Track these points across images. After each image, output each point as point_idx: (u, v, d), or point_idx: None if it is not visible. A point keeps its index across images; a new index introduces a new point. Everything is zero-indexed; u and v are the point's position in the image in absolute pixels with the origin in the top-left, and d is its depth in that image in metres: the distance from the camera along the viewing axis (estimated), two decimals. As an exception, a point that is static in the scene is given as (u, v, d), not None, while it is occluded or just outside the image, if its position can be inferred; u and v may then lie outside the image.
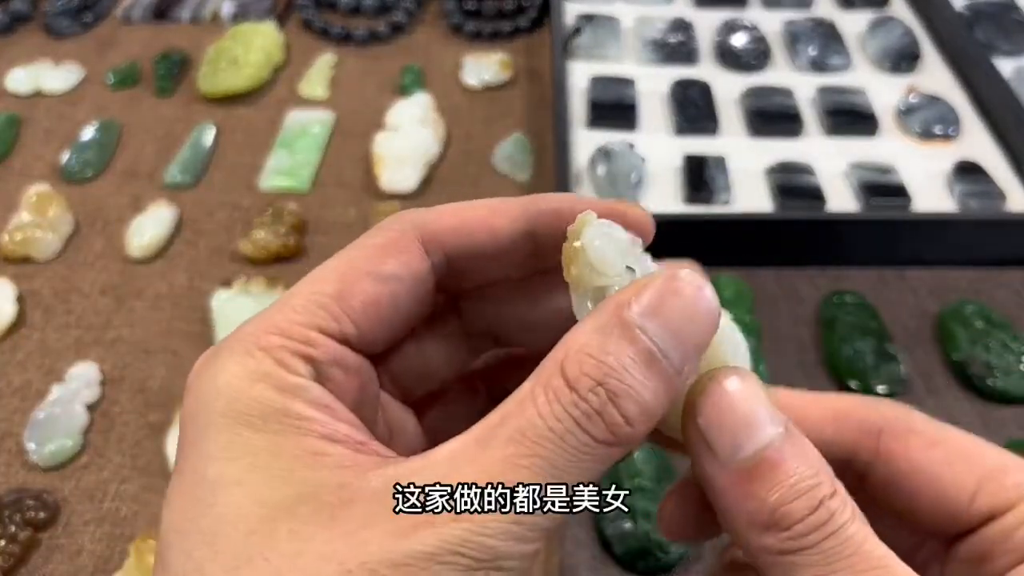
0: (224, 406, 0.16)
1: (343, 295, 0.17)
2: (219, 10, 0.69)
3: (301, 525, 0.14)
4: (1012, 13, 0.63)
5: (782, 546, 0.15)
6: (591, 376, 0.15)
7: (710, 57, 0.61)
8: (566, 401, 0.15)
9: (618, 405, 0.14)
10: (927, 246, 0.48)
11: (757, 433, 0.15)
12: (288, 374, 0.16)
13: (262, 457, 0.15)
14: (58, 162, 0.56)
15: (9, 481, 0.40)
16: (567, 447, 0.14)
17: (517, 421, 0.15)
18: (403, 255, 0.18)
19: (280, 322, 0.17)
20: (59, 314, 0.47)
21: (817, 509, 0.15)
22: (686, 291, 0.15)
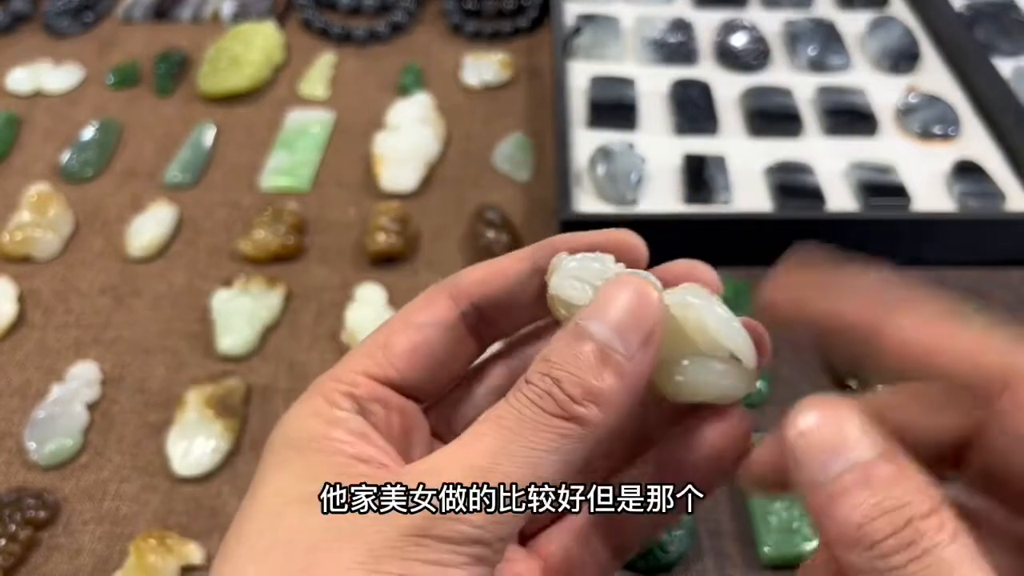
0: (283, 439, 0.19)
1: (386, 344, 0.21)
2: (219, 10, 0.69)
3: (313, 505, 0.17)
4: (1012, 13, 0.63)
5: (868, 565, 0.15)
6: (540, 371, 0.18)
7: (710, 57, 0.61)
8: (524, 390, 0.18)
9: (562, 387, 0.17)
10: (926, 246, 0.48)
11: (845, 455, 0.16)
12: (333, 409, 0.19)
13: (299, 467, 0.18)
14: (58, 162, 0.56)
15: (9, 480, 0.40)
16: (525, 418, 0.17)
17: (494, 410, 0.18)
18: (433, 307, 0.21)
19: (338, 371, 0.20)
20: (59, 313, 0.47)
21: (903, 528, 0.15)
22: (621, 291, 0.18)
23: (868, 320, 0.18)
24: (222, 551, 0.17)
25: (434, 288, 0.22)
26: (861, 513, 0.15)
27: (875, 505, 0.15)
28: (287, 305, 0.47)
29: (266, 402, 0.43)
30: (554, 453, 0.17)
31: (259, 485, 0.18)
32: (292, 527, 0.17)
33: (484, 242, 0.50)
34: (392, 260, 0.49)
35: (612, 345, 0.18)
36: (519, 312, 0.22)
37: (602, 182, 0.50)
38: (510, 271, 0.21)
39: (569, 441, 0.17)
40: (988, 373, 0.17)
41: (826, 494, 0.16)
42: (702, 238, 0.47)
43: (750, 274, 0.48)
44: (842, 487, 0.15)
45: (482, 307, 0.22)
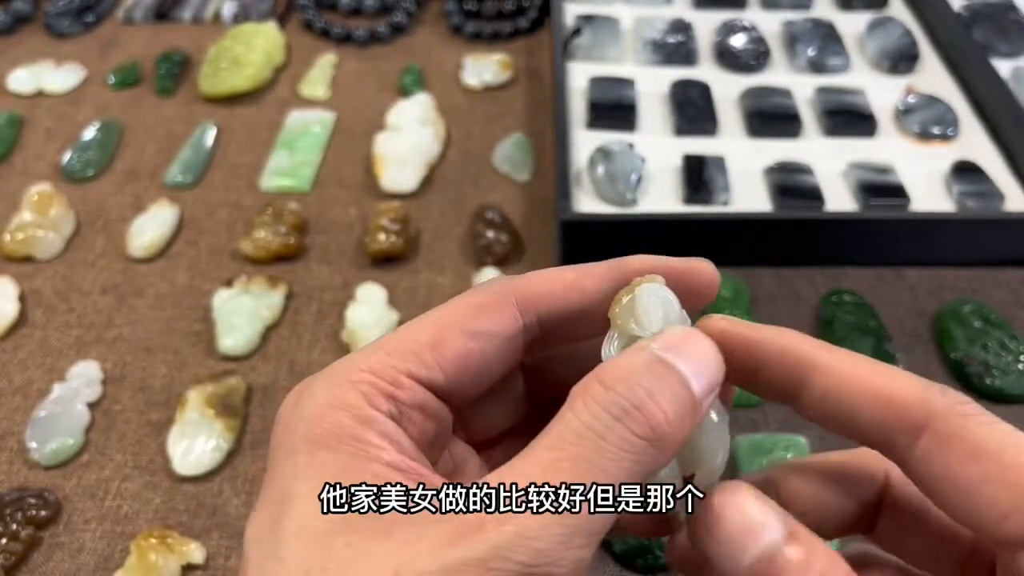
0: (307, 430, 0.17)
1: (437, 345, 0.19)
2: (220, 11, 0.69)
3: (358, 538, 0.15)
4: (1010, 14, 0.63)
5: None
6: (627, 379, 0.16)
7: (709, 58, 0.61)
8: (604, 401, 0.16)
9: (656, 400, 0.16)
10: (925, 246, 0.48)
11: (752, 543, 0.16)
12: (368, 406, 0.17)
13: (333, 476, 0.16)
14: (59, 162, 0.56)
15: (11, 479, 0.40)
16: (606, 444, 0.15)
17: (556, 428, 0.16)
18: (497, 315, 0.19)
19: (374, 362, 0.18)
20: (60, 313, 0.47)
21: None
22: (700, 337, 0.17)
23: (804, 350, 0.19)
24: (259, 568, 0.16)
25: (499, 289, 0.20)
26: None
27: None
28: (288, 305, 0.48)
29: (267, 401, 0.43)
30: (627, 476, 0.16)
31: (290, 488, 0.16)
32: (347, 568, 0.15)
33: (484, 242, 0.50)
34: (392, 260, 0.50)
35: (691, 381, 0.17)
36: (579, 331, 0.21)
37: (602, 182, 0.50)
38: (588, 289, 0.20)
39: (645, 468, 0.16)
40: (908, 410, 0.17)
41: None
42: (701, 238, 0.47)
43: (749, 274, 0.48)
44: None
45: (548, 323, 0.20)
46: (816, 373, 0.18)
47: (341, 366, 0.18)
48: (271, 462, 0.18)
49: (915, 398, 0.17)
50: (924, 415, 0.17)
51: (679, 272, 0.20)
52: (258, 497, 0.17)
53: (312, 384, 0.18)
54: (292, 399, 0.18)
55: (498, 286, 0.20)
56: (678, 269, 0.20)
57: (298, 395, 0.18)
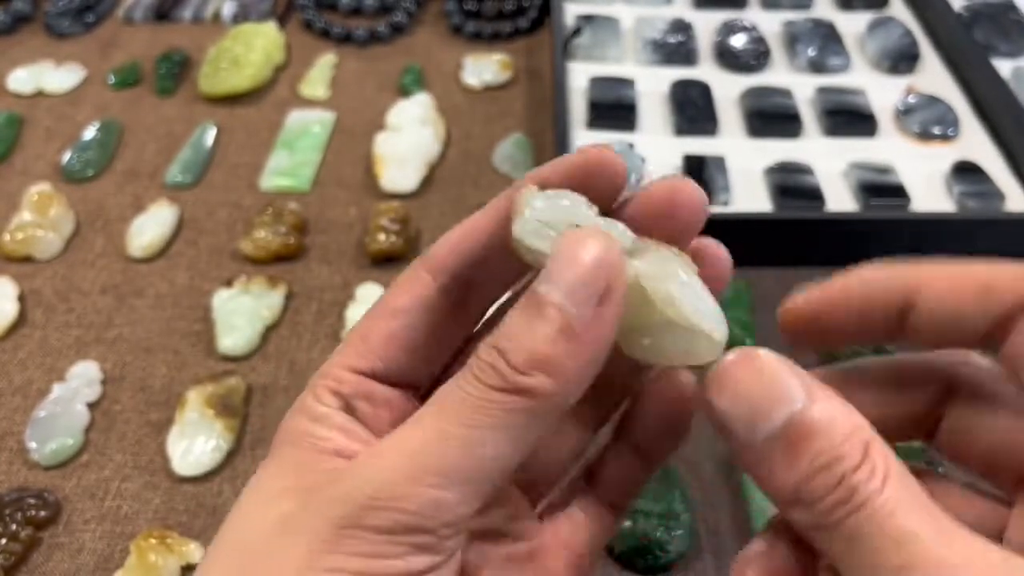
0: (278, 438, 0.19)
1: (366, 335, 0.20)
2: (220, 11, 0.69)
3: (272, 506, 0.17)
4: (1011, 14, 0.63)
5: (810, 522, 0.15)
6: (488, 342, 0.16)
7: (709, 57, 0.61)
8: (471, 365, 0.17)
9: (507, 358, 0.16)
10: (926, 246, 0.48)
11: (770, 413, 0.15)
12: (318, 405, 0.19)
13: (276, 465, 0.19)
14: (59, 162, 0.56)
15: (10, 480, 0.40)
16: (467, 395, 0.16)
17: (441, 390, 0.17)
18: (411, 287, 0.20)
19: (326, 368, 0.20)
20: (60, 313, 0.47)
21: (838, 487, 0.15)
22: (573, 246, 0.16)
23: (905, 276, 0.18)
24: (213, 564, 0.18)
25: (414, 264, 0.20)
26: (795, 477, 0.15)
27: (807, 466, 0.15)
28: (288, 305, 0.47)
29: (267, 401, 0.43)
30: (499, 431, 0.16)
31: (248, 484, 0.19)
32: (252, 527, 0.17)
33: (484, 242, 0.50)
34: (392, 260, 0.50)
35: (564, 307, 0.16)
36: (507, 270, 0.20)
37: (602, 182, 0.50)
38: (483, 228, 0.19)
39: (517, 416, 0.16)
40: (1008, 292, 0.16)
41: (757, 458, 0.15)
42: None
43: (750, 275, 0.48)
44: (771, 452, 0.15)
45: (462, 276, 0.19)
46: (920, 292, 0.17)
47: (311, 381, 0.20)
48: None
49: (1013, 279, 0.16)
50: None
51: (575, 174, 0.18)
52: None
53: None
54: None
55: (416, 260, 0.20)
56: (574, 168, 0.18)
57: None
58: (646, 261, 0.17)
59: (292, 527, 0.16)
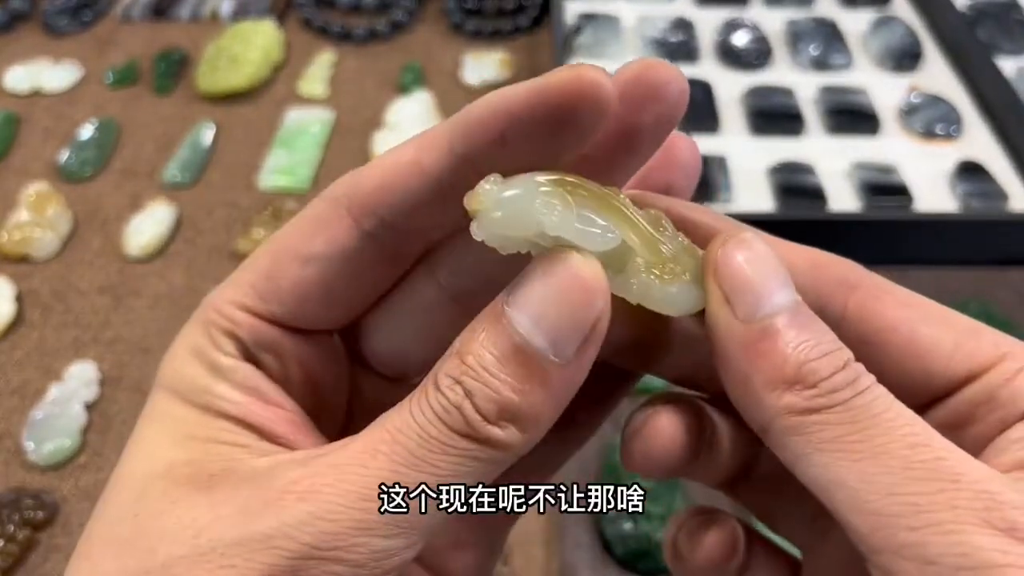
0: (167, 378, 0.16)
1: (272, 275, 0.17)
2: (218, 8, 0.69)
3: (174, 486, 0.15)
4: (1014, 13, 0.63)
5: (808, 404, 0.14)
6: (450, 375, 0.14)
7: (711, 56, 0.60)
8: (431, 397, 0.14)
9: (474, 402, 0.14)
10: (929, 246, 0.48)
11: (779, 292, 0.15)
12: (219, 353, 0.16)
13: (178, 426, 0.16)
14: (57, 161, 0.56)
15: (7, 481, 0.39)
16: (428, 437, 0.14)
17: (394, 415, 0.15)
18: (329, 231, 0.16)
19: (223, 295, 0.17)
20: (57, 313, 0.47)
21: (844, 368, 0.14)
22: (556, 277, 0.14)
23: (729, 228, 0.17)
24: (90, 522, 0.15)
25: (334, 194, 0.17)
26: (803, 352, 0.15)
27: (815, 346, 0.15)
28: (286, 305, 0.47)
29: (265, 402, 0.43)
30: (461, 478, 0.14)
31: (135, 437, 0.16)
32: (153, 520, 0.14)
33: (484, 242, 0.49)
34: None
35: (545, 355, 0.14)
36: (442, 213, 0.16)
37: (603, 182, 0.49)
38: (421, 168, 0.16)
39: (480, 464, 0.14)
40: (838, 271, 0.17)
41: (761, 330, 0.15)
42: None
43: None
44: (777, 326, 0.15)
45: (392, 219, 0.16)
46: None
47: (206, 299, 0.17)
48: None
49: (844, 265, 0.17)
50: (856, 277, 0.17)
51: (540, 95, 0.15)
52: None
53: (187, 322, 0.17)
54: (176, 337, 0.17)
55: (333, 190, 0.17)
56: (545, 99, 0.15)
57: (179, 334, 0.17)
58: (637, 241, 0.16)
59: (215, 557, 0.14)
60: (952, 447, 0.14)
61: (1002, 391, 0.15)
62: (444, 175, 0.15)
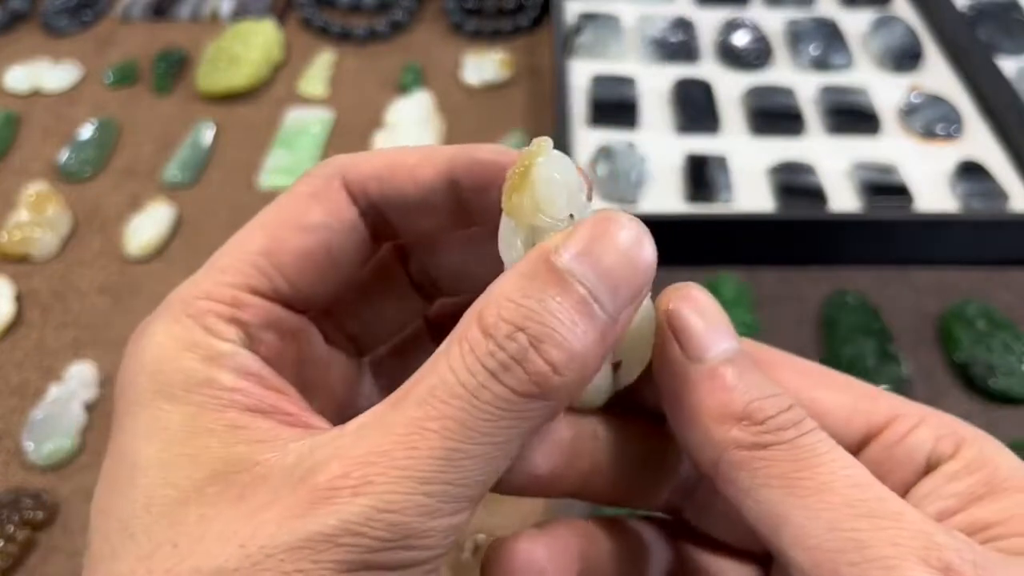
0: (148, 379, 0.15)
1: (272, 250, 0.16)
2: (218, 8, 0.69)
3: (209, 507, 0.14)
4: (1015, 12, 0.63)
5: (755, 439, 0.15)
6: (510, 320, 0.13)
7: (711, 56, 0.60)
8: (481, 351, 0.13)
9: (541, 350, 0.13)
10: (929, 246, 0.48)
11: (726, 339, 0.16)
12: (216, 340, 0.15)
13: (180, 434, 0.14)
14: (56, 161, 0.56)
15: (7, 481, 0.39)
16: (481, 404, 0.13)
17: (428, 379, 0.14)
18: (329, 203, 0.17)
19: (209, 286, 0.16)
20: (57, 313, 0.47)
21: (789, 409, 0.15)
22: (619, 233, 0.14)
23: None
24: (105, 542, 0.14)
25: (327, 172, 0.17)
26: (749, 395, 0.15)
27: (761, 387, 0.15)
28: (286, 305, 0.47)
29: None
30: (517, 441, 0.14)
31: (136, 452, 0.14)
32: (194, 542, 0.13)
33: (484, 242, 0.49)
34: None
35: (599, 297, 0.14)
36: (423, 220, 0.18)
37: (603, 181, 0.49)
38: (421, 177, 0.17)
39: (535, 423, 0.14)
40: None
41: (710, 369, 0.16)
42: (703, 238, 0.47)
43: (751, 273, 0.48)
44: (726, 366, 0.16)
45: (381, 210, 0.17)
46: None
47: (177, 295, 0.16)
48: (115, 419, 0.15)
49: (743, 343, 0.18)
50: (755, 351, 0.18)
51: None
52: (104, 459, 0.15)
53: (151, 324, 0.16)
54: (132, 345, 0.16)
55: (326, 168, 0.17)
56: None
57: (138, 337, 0.16)
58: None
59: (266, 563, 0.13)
60: (889, 491, 0.14)
61: (897, 450, 0.16)
62: (432, 190, 0.17)
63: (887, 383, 0.42)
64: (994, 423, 0.41)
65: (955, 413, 0.44)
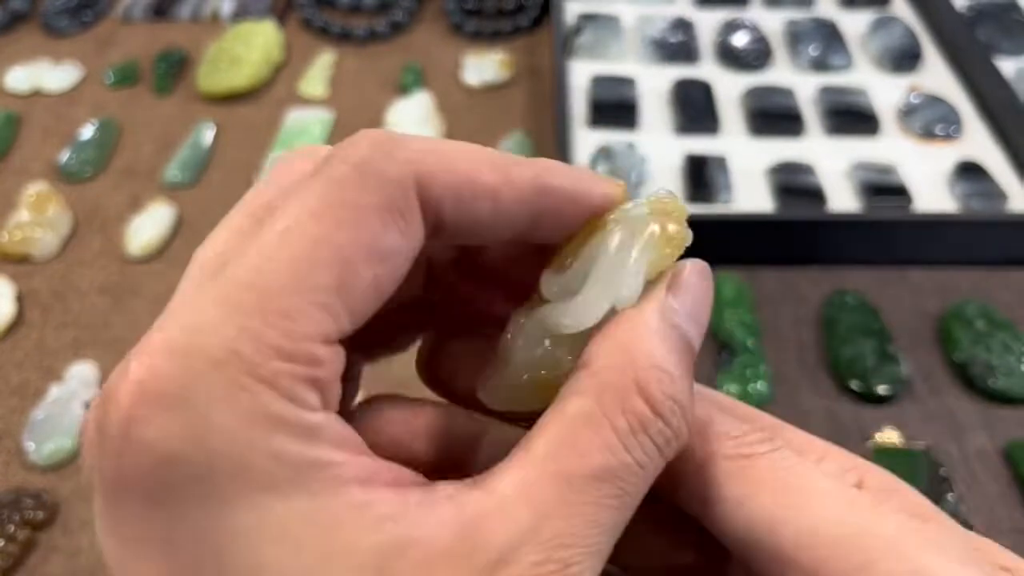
0: (232, 471, 0.11)
1: (345, 286, 0.13)
2: (219, 9, 0.69)
3: None
4: (1013, 13, 0.63)
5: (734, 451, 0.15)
6: (671, 396, 0.14)
7: (711, 56, 0.60)
8: (653, 430, 0.13)
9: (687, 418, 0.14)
10: (928, 246, 0.48)
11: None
12: (305, 412, 0.12)
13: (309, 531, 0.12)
14: (57, 161, 0.56)
15: (7, 481, 0.39)
16: (648, 476, 0.14)
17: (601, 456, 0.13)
18: (404, 222, 0.14)
19: (276, 338, 0.12)
20: (57, 313, 0.47)
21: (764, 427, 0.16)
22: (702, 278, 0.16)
23: None
24: None
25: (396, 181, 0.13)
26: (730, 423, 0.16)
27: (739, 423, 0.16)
28: (287, 305, 0.47)
29: (265, 402, 0.43)
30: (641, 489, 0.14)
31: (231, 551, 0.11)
32: None
33: (484, 242, 0.49)
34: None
35: (694, 342, 0.15)
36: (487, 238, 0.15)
37: (603, 182, 0.49)
38: (505, 207, 0.15)
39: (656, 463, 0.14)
40: None
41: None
42: (703, 238, 0.47)
43: (751, 274, 0.48)
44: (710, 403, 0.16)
45: (447, 224, 0.14)
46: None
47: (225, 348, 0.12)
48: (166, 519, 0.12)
49: None
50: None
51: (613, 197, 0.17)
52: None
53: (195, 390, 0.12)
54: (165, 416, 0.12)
55: (398, 169, 0.13)
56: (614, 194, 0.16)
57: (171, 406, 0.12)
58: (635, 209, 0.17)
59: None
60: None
61: None
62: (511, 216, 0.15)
63: (886, 383, 0.42)
64: (993, 423, 0.41)
65: (955, 413, 0.44)
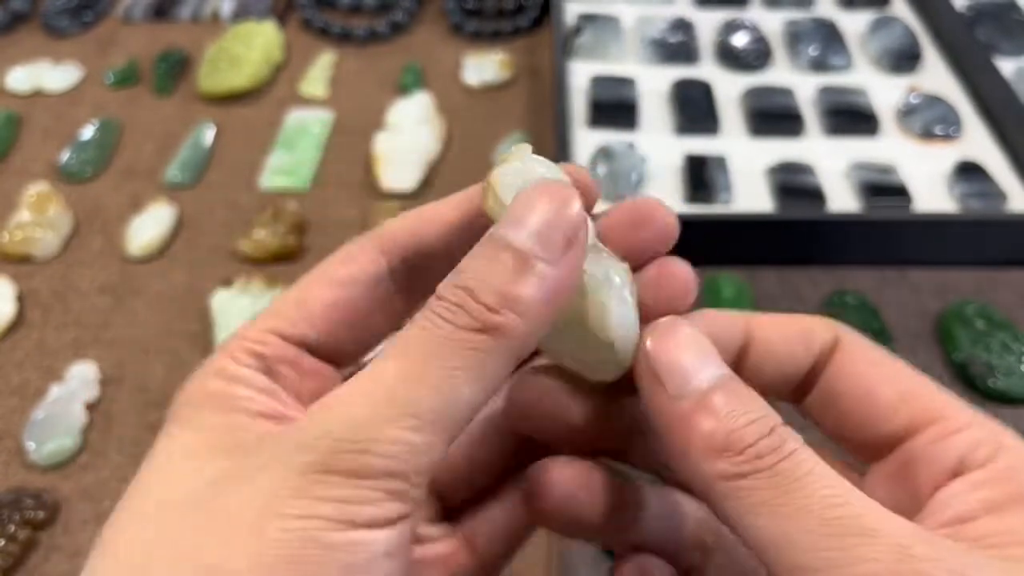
0: (182, 400, 0.18)
1: (302, 301, 0.19)
2: (219, 9, 0.69)
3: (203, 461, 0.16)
4: (1013, 13, 0.63)
5: (736, 470, 0.15)
6: (451, 282, 0.16)
7: (711, 57, 0.60)
8: (433, 306, 0.16)
9: (476, 296, 0.16)
10: (928, 246, 0.48)
11: (707, 368, 0.17)
12: (236, 366, 0.18)
13: (193, 425, 0.17)
14: (57, 161, 0.56)
15: (8, 480, 0.39)
16: (437, 336, 0.15)
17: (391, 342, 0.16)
18: (358, 260, 0.19)
19: (244, 330, 0.18)
20: (58, 313, 0.47)
21: (770, 434, 0.16)
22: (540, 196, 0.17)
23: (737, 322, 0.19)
24: (110, 518, 0.16)
25: (359, 240, 0.19)
26: (730, 421, 0.16)
27: (743, 414, 0.16)
28: (287, 305, 0.47)
29: (266, 402, 0.43)
30: (471, 371, 0.15)
31: (152, 450, 0.17)
32: (183, 483, 0.15)
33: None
34: (392, 260, 0.49)
35: (532, 250, 0.16)
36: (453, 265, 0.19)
37: (603, 182, 0.49)
38: (447, 217, 0.19)
39: (487, 356, 0.16)
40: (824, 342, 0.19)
41: (691, 405, 0.16)
42: (703, 238, 0.47)
43: (751, 274, 0.48)
44: (708, 398, 0.16)
45: (413, 261, 0.19)
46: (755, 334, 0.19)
47: (221, 345, 0.18)
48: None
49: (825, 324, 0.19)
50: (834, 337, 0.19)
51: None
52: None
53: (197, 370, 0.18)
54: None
55: (360, 237, 0.20)
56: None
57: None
58: (599, 266, 0.18)
59: (241, 478, 0.15)
60: (872, 505, 0.15)
61: (933, 449, 0.17)
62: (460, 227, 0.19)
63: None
64: (993, 423, 0.41)
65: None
